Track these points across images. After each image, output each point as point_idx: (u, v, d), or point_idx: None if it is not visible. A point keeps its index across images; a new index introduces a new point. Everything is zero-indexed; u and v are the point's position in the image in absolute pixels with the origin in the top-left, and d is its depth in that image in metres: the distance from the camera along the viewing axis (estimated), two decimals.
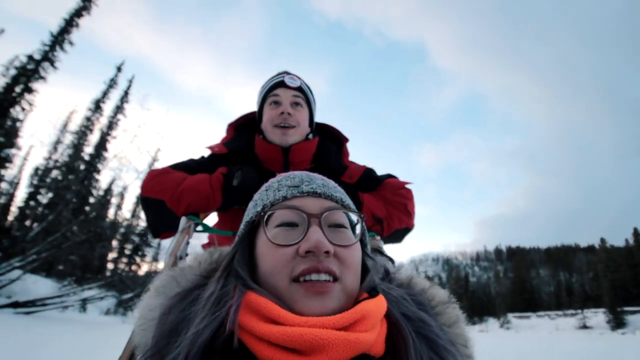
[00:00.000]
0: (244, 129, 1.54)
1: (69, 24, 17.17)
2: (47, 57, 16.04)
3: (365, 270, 0.69)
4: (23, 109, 15.13)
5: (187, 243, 1.23)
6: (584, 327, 53.52)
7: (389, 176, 1.52)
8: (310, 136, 1.47)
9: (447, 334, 0.67)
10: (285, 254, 0.61)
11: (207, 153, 1.48)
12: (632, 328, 46.59)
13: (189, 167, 1.39)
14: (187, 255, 1.20)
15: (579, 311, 59.37)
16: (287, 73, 1.47)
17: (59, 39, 16.65)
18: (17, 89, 14.77)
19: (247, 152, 1.45)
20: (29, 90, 15.18)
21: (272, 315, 0.55)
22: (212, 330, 0.54)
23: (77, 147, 21.35)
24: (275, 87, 1.42)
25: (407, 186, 1.48)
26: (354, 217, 0.70)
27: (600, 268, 65.56)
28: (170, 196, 1.26)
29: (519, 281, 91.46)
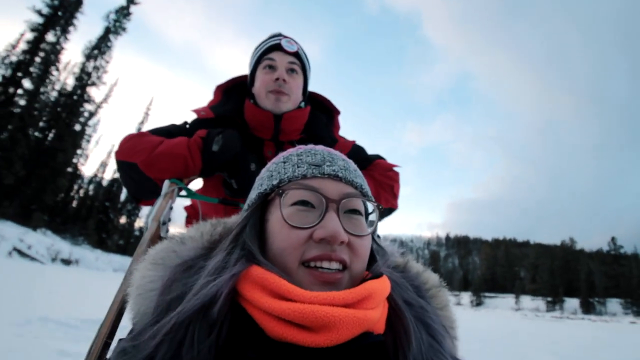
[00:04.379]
0: (233, 93, 1.46)
1: None
2: None
3: (371, 256, 0.69)
4: None
5: (171, 208, 1.17)
6: (458, 304, 79.85)
7: (378, 157, 1.51)
8: (302, 105, 1.43)
9: (439, 316, 0.70)
10: (298, 236, 0.60)
11: (190, 118, 1.39)
12: (486, 306, 73.51)
13: (169, 132, 1.31)
14: (169, 220, 1.16)
15: (458, 293, 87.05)
16: (283, 36, 1.38)
17: None
18: None
19: (235, 117, 1.38)
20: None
21: (281, 291, 0.55)
22: (210, 295, 0.54)
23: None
24: (271, 49, 1.34)
25: (395, 169, 1.48)
26: (370, 206, 0.70)
27: (482, 263, 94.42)
28: (144, 159, 1.17)
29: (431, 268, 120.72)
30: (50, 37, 27.00)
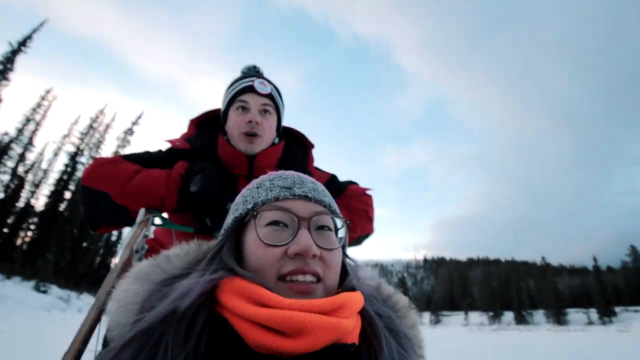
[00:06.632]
0: (206, 127, 1.48)
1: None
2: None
3: (344, 271, 0.73)
4: None
5: (145, 236, 1.17)
6: (420, 323, 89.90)
7: (350, 183, 1.55)
8: (276, 140, 1.45)
9: (408, 334, 0.73)
10: (274, 254, 0.63)
11: (164, 147, 1.38)
12: (442, 324, 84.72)
13: (142, 160, 1.28)
14: (143, 249, 1.15)
15: (421, 313, 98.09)
16: (257, 75, 1.41)
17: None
18: None
19: (209, 151, 1.38)
20: None
21: (261, 298, 0.57)
22: (182, 294, 0.55)
23: None
24: (243, 91, 1.35)
25: (368, 192, 1.52)
26: (339, 222, 0.74)
27: (441, 282, 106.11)
28: (117, 190, 1.14)
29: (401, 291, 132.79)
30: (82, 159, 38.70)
